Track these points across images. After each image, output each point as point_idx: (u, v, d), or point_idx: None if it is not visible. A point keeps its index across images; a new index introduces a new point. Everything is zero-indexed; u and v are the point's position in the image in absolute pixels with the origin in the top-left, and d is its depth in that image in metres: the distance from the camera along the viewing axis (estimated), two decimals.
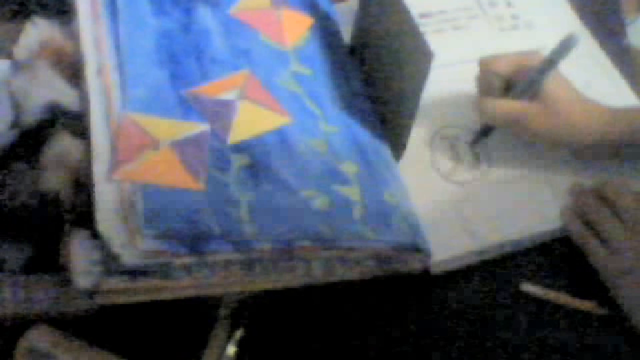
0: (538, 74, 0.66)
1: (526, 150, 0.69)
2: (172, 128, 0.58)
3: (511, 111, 0.66)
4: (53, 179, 0.56)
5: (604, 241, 0.62)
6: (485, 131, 0.69)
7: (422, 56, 0.59)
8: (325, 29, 0.72)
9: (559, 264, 0.65)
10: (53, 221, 0.55)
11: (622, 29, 0.81)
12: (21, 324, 0.55)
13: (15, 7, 0.71)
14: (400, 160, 0.67)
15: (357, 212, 0.60)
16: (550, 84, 0.65)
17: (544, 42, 0.78)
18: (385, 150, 0.67)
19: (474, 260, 0.64)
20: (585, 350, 0.60)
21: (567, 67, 0.74)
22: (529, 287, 0.63)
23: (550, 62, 0.65)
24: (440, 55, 0.59)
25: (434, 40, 0.59)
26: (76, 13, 0.63)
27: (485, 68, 0.69)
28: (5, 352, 0.55)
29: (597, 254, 0.62)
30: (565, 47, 0.65)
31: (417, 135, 0.67)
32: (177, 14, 0.66)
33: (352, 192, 0.61)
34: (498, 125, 0.68)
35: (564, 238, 0.66)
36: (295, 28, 0.70)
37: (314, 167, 0.61)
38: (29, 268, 0.57)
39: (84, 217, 0.53)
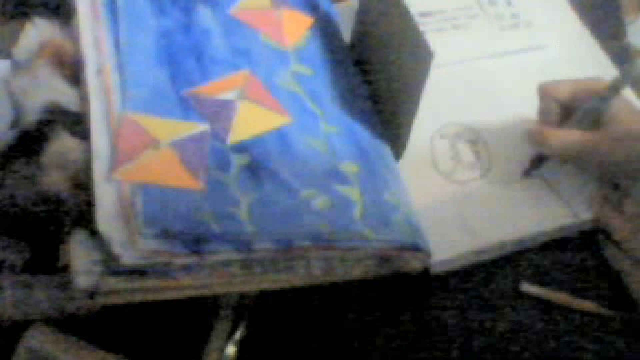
0: (600, 101, 0.63)
1: (526, 150, 0.69)
2: (172, 128, 0.58)
3: (575, 142, 0.63)
4: (53, 179, 0.56)
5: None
6: (539, 161, 0.67)
7: (422, 55, 0.59)
8: (325, 29, 0.72)
9: (559, 264, 0.65)
10: (53, 221, 0.55)
11: (622, 29, 0.81)
12: (21, 324, 0.55)
13: (15, 7, 0.71)
14: (400, 160, 0.67)
15: (357, 212, 0.59)
16: (615, 111, 0.63)
17: (544, 42, 0.79)
18: (385, 150, 0.67)
19: (474, 260, 0.64)
20: (586, 350, 0.60)
21: (567, 67, 0.74)
22: (529, 287, 0.63)
23: (614, 90, 0.63)
24: (440, 54, 0.59)
25: (434, 40, 0.59)
26: (76, 13, 0.63)
27: (545, 94, 0.66)
28: (5, 352, 0.55)
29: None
30: (629, 73, 0.63)
31: (417, 135, 0.67)
32: (177, 14, 0.66)
33: (352, 192, 0.61)
34: (560, 157, 0.65)
35: (564, 238, 0.66)
36: (295, 28, 0.70)
37: (314, 167, 0.61)
38: (29, 268, 0.57)
39: (84, 217, 0.53)
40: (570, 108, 0.66)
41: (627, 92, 0.74)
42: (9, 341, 0.55)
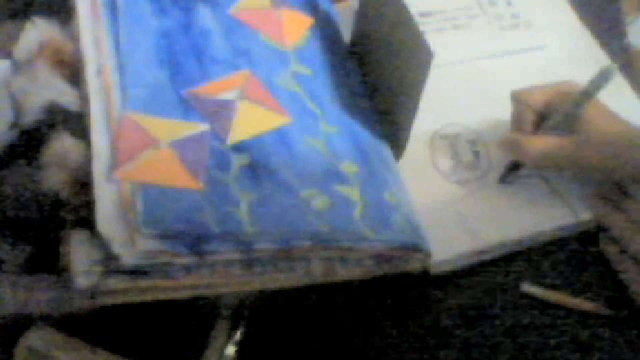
0: (573, 107, 0.63)
1: None
2: (172, 128, 0.58)
3: (551, 148, 0.63)
4: (53, 179, 0.56)
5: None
6: (514, 167, 0.67)
7: (422, 56, 0.59)
8: (325, 29, 0.72)
9: (559, 264, 0.65)
10: (53, 221, 0.55)
11: (622, 29, 0.81)
12: (21, 324, 0.55)
13: (15, 7, 0.71)
14: (400, 160, 0.67)
15: (357, 212, 0.59)
16: (588, 115, 0.62)
17: (544, 42, 0.79)
18: (385, 150, 0.67)
19: (474, 260, 0.64)
20: (586, 350, 0.60)
21: (567, 67, 0.74)
22: (529, 287, 0.63)
23: (586, 95, 0.63)
24: (440, 54, 0.59)
25: (434, 40, 0.59)
26: (76, 13, 0.63)
27: (518, 101, 0.66)
28: (5, 352, 0.55)
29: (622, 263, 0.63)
30: (602, 79, 0.62)
31: (417, 135, 0.67)
32: (177, 14, 0.66)
33: (352, 192, 0.61)
34: (536, 164, 0.65)
35: (564, 238, 0.66)
36: (295, 28, 0.70)
37: (314, 167, 0.61)
38: (29, 268, 0.57)
39: (84, 217, 0.53)
40: (544, 114, 0.65)
41: (628, 91, 0.75)
42: (9, 341, 0.55)
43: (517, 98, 0.67)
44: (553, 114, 0.65)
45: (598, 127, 0.62)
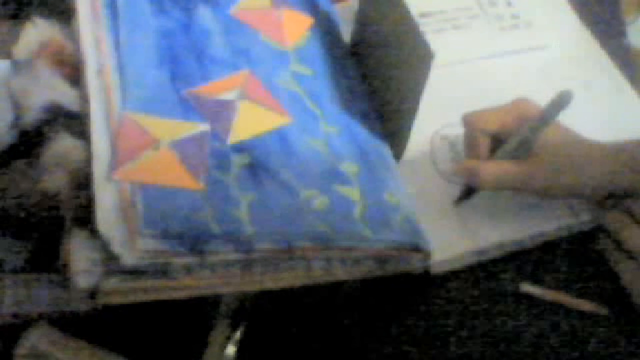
0: (530, 132, 0.61)
1: None
2: (172, 128, 0.58)
3: (503, 174, 0.62)
4: (53, 179, 0.56)
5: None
6: (469, 192, 0.65)
7: (422, 56, 0.59)
8: (325, 29, 0.72)
9: (559, 264, 0.65)
10: (53, 221, 0.55)
11: (622, 29, 0.81)
12: (21, 324, 0.55)
13: (15, 7, 0.71)
14: (400, 160, 0.67)
15: (357, 212, 0.60)
16: (547, 137, 0.61)
17: (544, 42, 0.79)
18: (385, 150, 0.67)
19: (474, 260, 0.64)
20: (585, 350, 0.60)
21: (567, 67, 0.74)
22: (529, 287, 0.63)
23: (543, 121, 0.61)
24: (440, 54, 0.59)
25: (434, 40, 0.59)
26: (76, 13, 0.63)
27: (471, 125, 0.64)
28: (5, 352, 0.55)
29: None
30: (558, 104, 0.61)
31: (417, 135, 0.67)
32: (177, 14, 0.66)
33: (352, 192, 0.61)
34: (490, 189, 0.64)
35: (564, 238, 0.66)
36: (295, 28, 0.70)
37: (314, 167, 0.61)
38: (29, 268, 0.57)
39: (84, 217, 0.53)
40: (498, 136, 0.64)
41: (628, 91, 0.75)
42: (9, 341, 0.55)
43: (469, 121, 0.65)
44: (509, 138, 0.63)
45: (557, 149, 0.61)
